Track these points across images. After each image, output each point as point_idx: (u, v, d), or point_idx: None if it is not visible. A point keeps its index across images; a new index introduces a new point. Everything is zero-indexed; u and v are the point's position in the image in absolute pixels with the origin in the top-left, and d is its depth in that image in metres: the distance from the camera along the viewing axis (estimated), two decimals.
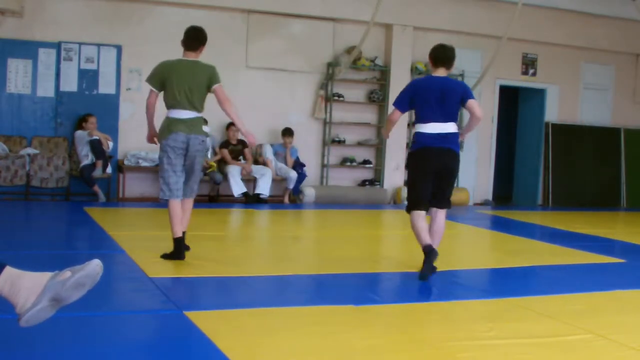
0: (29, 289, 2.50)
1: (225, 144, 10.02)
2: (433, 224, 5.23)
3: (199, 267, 5.28)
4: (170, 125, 5.22)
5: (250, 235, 7.11)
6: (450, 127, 5.07)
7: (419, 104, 5.14)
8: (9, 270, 2.54)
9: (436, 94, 5.07)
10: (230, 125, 9.93)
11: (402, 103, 5.21)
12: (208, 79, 5.28)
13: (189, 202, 5.49)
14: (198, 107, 5.29)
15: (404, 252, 6.87)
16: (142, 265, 4.94)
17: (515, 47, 11.80)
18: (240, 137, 10.06)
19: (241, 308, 3.98)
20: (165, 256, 5.31)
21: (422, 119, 5.12)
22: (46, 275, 2.56)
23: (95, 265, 2.62)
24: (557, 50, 12.24)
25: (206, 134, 5.47)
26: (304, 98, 10.83)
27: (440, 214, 5.22)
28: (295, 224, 8.68)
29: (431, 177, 5.10)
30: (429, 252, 4.98)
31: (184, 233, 5.39)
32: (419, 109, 5.14)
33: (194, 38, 5.48)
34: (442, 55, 5.30)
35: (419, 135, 5.12)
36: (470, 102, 5.08)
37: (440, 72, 5.25)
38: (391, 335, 3.52)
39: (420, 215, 5.12)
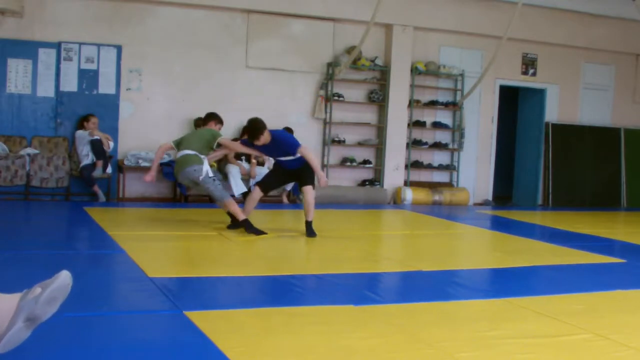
0: (2, 312, 2.43)
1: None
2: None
3: (199, 267, 5.29)
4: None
5: (249, 235, 7.10)
6: None
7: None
8: None
9: None
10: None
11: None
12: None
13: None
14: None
15: (404, 252, 6.88)
16: (142, 265, 4.94)
17: (515, 47, 11.81)
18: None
19: (241, 308, 3.99)
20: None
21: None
22: (16, 296, 2.48)
23: (65, 277, 2.52)
24: (557, 50, 12.24)
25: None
26: (304, 98, 10.83)
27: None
28: (295, 224, 8.66)
29: None
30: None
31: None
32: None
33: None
34: None
35: None
36: None
37: None
38: (391, 335, 3.52)
39: None
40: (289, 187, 10.24)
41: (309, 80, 10.81)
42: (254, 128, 6.86)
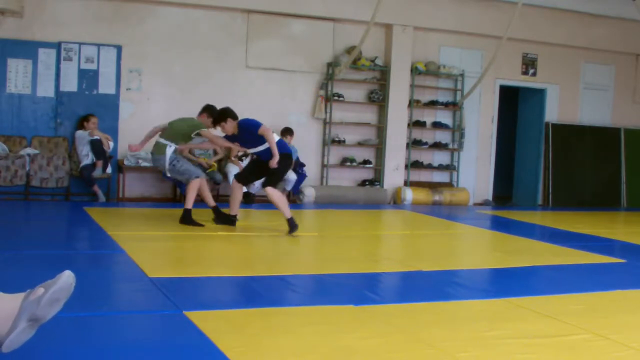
0: (5, 313, 2.43)
1: None
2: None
3: (199, 267, 5.29)
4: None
5: (249, 235, 7.12)
6: None
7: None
8: None
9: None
10: None
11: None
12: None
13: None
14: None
15: (404, 252, 6.88)
16: (142, 265, 4.94)
17: (515, 47, 11.81)
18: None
19: (241, 308, 3.99)
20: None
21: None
22: (19, 296, 2.48)
23: (67, 277, 2.52)
24: (557, 50, 12.24)
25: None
26: (304, 98, 10.83)
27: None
28: None
29: None
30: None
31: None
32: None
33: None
34: None
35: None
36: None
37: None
38: (391, 335, 3.52)
39: None
40: (289, 187, 10.24)
41: (309, 80, 10.81)
42: (217, 113, 7.12)
